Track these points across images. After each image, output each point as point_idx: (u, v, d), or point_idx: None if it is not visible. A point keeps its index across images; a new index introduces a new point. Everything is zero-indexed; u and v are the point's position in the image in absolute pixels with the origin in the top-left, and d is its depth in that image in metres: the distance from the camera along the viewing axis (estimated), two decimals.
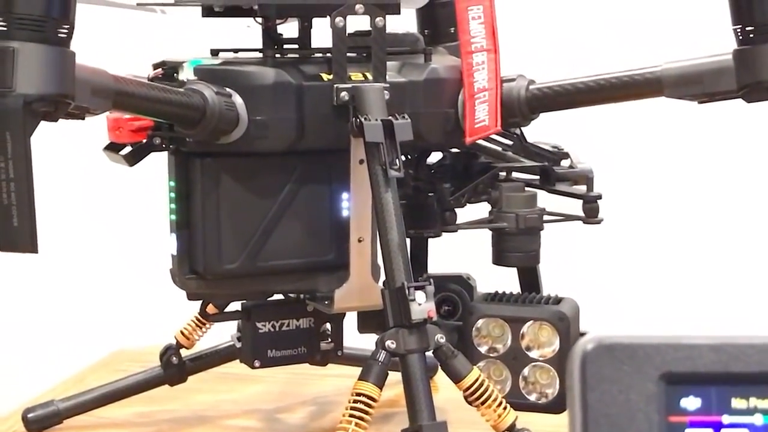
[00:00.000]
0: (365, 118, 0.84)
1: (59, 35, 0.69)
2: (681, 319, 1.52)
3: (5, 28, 0.68)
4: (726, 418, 0.36)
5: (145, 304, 1.62)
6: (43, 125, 0.73)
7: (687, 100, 0.85)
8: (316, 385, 1.16)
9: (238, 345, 0.99)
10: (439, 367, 0.98)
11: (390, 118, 0.85)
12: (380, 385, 0.83)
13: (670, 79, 0.85)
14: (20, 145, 0.67)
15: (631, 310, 1.55)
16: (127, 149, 0.89)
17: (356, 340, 1.01)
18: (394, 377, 0.86)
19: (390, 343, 0.82)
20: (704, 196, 1.59)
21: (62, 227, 1.62)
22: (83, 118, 0.74)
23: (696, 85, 0.84)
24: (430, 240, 0.98)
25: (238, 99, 0.85)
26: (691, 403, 0.36)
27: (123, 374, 1.06)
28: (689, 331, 0.37)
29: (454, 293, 0.97)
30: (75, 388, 1.08)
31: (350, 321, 0.98)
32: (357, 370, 0.84)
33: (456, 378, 0.84)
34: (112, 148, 0.89)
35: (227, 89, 0.85)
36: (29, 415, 1.03)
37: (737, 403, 0.36)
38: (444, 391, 0.99)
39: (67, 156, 1.62)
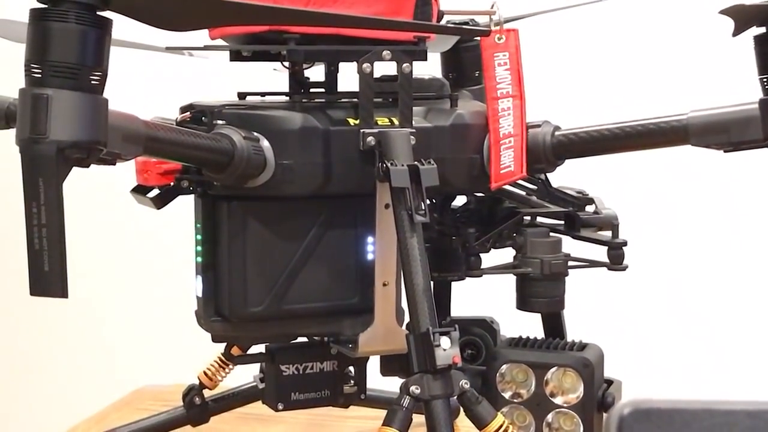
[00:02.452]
0: (391, 164, 0.85)
1: (92, 82, 0.70)
2: (706, 370, 1.51)
3: (40, 76, 0.69)
4: None
5: (168, 343, 1.63)
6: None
7: (712, 149, 0.85)
8: (337, 427, 1.15)
9: (261, 386, 0.99)
10: (460, 411, 0.98)
11: (416, 163, 0.85)
12: (405, 430, 0.82)
13: (697, 128, 0.85)
14: (52, 191, 0.68)
15: (656, 357, 1.54)
16: (155, 192, 0.90)
17: (378, 381, 1.01)
18: (417, 419, 0.86)
19: (414, 389, 0.82)
20: (731, 246, 1.59)
21: (89, 266, 1.63)
22: (114, 164, 0.74)
23: (722, 134, 0.84)
24: (453, 283, 0.99)
25: (265, 143, 0.86)
26: None
27: (145, 413, 1.06)
28: (723, 393, 0.37)
29: (478, 337, 0.97)
30: (97, 426, 1.08)
31: (373, 363, 0.98)
32: (379, 412, 0.84)
33: (480, 424, 0.84)
34: (140, 190, 0.90)
35: (255, 134, 0.86)
36: None
37: None
38: None
39: (94, 195, 1.63)
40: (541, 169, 0.92)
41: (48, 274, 0.68)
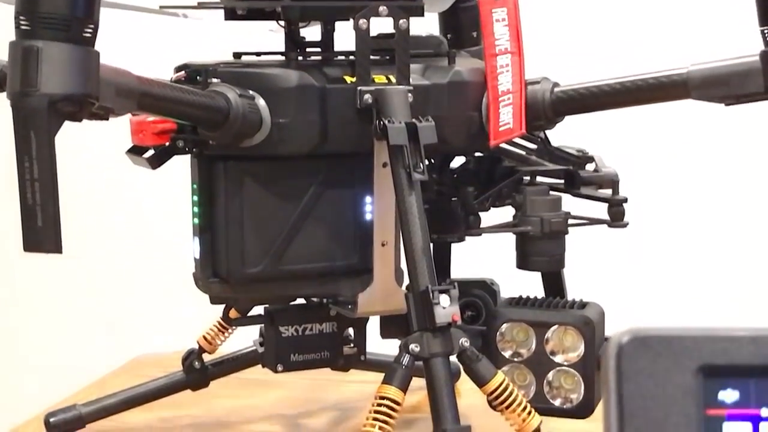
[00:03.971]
0: (389, 121, 0.84)
1: (84, 35, 0.69)
2: (708, 322, 1.51)
3: (29, 28, 0.68)
4: (765, 411, 0.36)
5: (167, 310, 1.62)
6: (68, 126, 0.73)
7: (713, 102, 0.85)
8: (337, 390, 1.15)
9: (261, 350, 0.99)
10: (461, 374, 0.98)
11: (414, 121, 0.84)
12: (404, 388, 0.82)
13: (697, 81, 0.84)
14: (44, 146, 0.67)
15: (657, 314, 1.54)
16: (150, 152, 0.89)
17: (378, 346, 1.01)
18: (417, 383, 0.86)
19: (414, 347, 0.82)
20: (731, 199, 1.58)
21: (84, 232, 1.62)
22: (107, 119, 0.74)
23: (722, 87, 0.83)
24: (453, 245, 0.98)
25: (261, 101, 0.85)
26: (729, 396, 0.36)
27: (145, 379, 1.06)
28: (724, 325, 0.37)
29: (478, 298, 0.96)
30: (97, 393, 1.07)
31: (373, 327, 0.97)
32: (379, 376, 0.83)
33: (480, 382, 0.84)
34: (135, 151, 0.89)
35: (250, 92, 0.85)
36: (51, 420, 1.03)
37: None
38: (466, 397, 0.99)
39: (88, 159, 1.62)
40: (540, 126, 0.92)
41: (42, 230, 0.68)
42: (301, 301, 0.95)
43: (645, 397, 0.35)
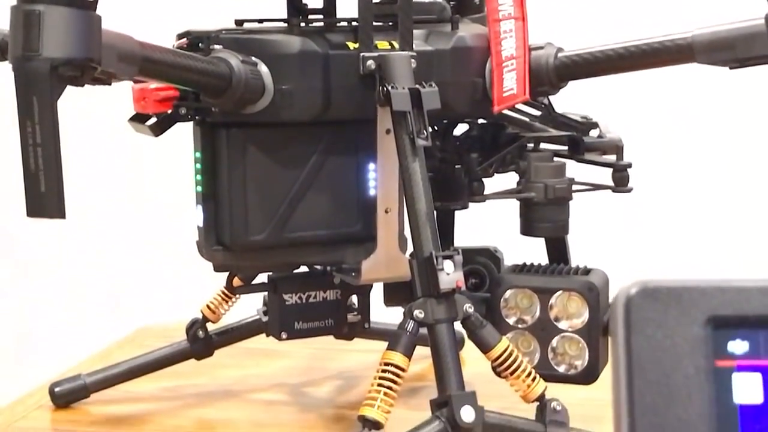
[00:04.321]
0: (392, 87, 0.84)
1: None
2: None
3: None
4: None
5: (170, 281, 1.62)
6: (72, 94, 0.72)
7: (718, 66, 0.84)
8: (342, 359, 1.15)
9: (265, 319, 0.98)
10: (464, 342, 0.97)
11: (417, 86, 0.84)
12: (409, 355, 0.82)
13: (702, 45, 0.83)
14: (47, 110, 0.67)
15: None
16: (153, 120, 0.89)
17: (382, 316, 1.00)
18: (421, 351, 0.86)
19: (418, 313, 0.82)
20: (735, 164, 1.58)
21: (87, 201, 1.62)
22: (109, 84, 0.73)
23: (728, 51, 0.82)
24: (456, 213, 0.98)
25: (263, 68, 0.85)
26: (738, 347, 0.35)
27: (149, 350, 1.06)
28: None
29: (482, 266, 0.96)
30: (101, 363, 1.08)
31: (376, 297, 0.97)
32: (383, 345, 0.83)
33: (485, 348, 0.84)
34: (138, 119, 0.89)
35: (253, 58, 0.84)
36: (56, 389, 1.03)
37: None
38: (470, 366, 0.99)
39: (90, 127, 1.62)
40: (544, 91, 0.91)
41: (45, 195, 0.68)
42: (304, 268, 0.95)
43: (654, 349, 0.35)
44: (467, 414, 0.79)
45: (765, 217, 1.59)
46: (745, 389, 0.35)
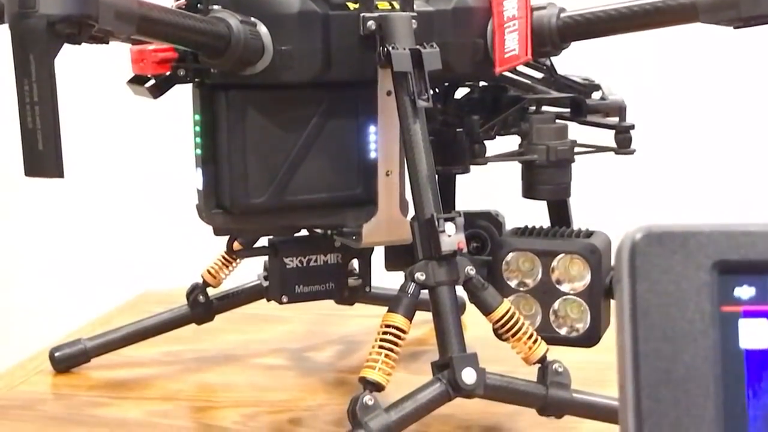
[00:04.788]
0: (393, 47, 0.83)
1: None
2: None
3: None
4: None
5: (170, 246, 1.62)
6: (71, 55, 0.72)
7: (722, 26, 0.83)
8: (343, 324, 1.15)
9: (265, 284, 0.98)
10: (466, 306, 0.97)
11: (418, 47, 0.83)
12: (410, 317, 0.81)
13: (706, 4, 0.82)
14: (44, 68, 0.66)
15: None
16: (151, 82, 0.88)
17: (383, 282, 1.00)
18: (422, 316, 0.85)
19: (419, 275, 0.81)
20: (738, 124, 1.57)
21: (85, 166, 1.61)
22: (107, 42, 0.72)
23: (732, 10, 0.81)
24: (458, 178, 0.97)
25: (263, 28, 0.84)
26: (744, 292, 0.35)
27: (149, 315, 1.06)
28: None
29: (483, 230, 0.95)
30: (102, 328, 1.08)
31: (377, 263, 0.97)
32: (384, 311, 0.83)
33: (486, 310, 0.83)
34: (136, 80, 0.88)
35: (252, 18, 0.83)
36: (56, 354, 1.03)
37: None
38: (472, 330, 0.98)
39: (90, 94, 1.61)
40: (546, 52, 0.90)
41: (43, 154, 0.67)
42: (305, 232, 0.95)
43: (659, 294, 0.35)
44: (468, 376, 0.79)
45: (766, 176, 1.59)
46: (751, 334, 0.35)
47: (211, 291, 1.04)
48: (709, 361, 0.34)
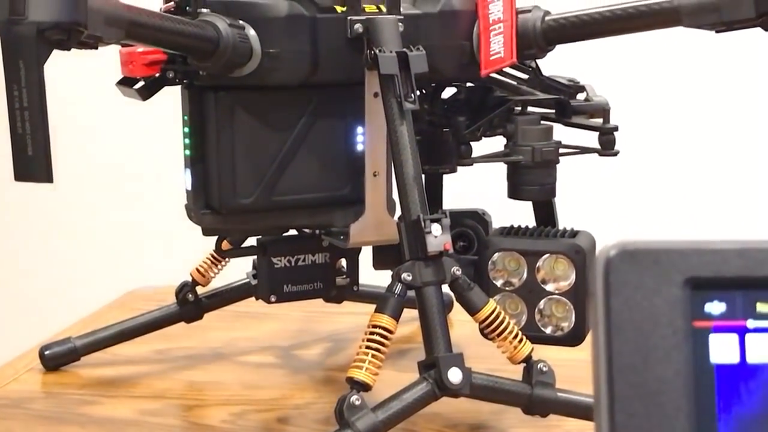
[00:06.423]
0: (380, 50, 0.84)
1: None
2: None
3: None
4: (751, 323, 0.36)
5: (159, 246, 1.62)
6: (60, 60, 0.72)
7: (705, 30, 0.84)
8: (331, 323, 1.16)
9: (254, 282, 0.99)
10: (453, 305, 0.98)
11: (404, 50, 0.84)
12: (396, 317, 0.82)
13: (688, 8, 0.83)
14: (34, 74, 0.67)
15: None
16: (140, 84, 0.89)
17: (371, 280, 1.01)
18: (409, 314, 0.86)
19: (406, 276, 0.82)
20: (721, 127, 1.58)
21: (75, 165, 1.62)
22: (96, 48, 0.73)
23: (714, 14, 0.82)
24: (445, 177, 0.98)
25: (251, 31, 0.85)
26: (715, 307, 0.36)
27: (139, 313, 1.07)
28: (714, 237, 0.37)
29: (470, 229, 0.96)
30: (91, 327, 1.08)
31: (365, 261, 0.97)
32: (372, 308, 0.84)
33: (472, 310, 0.84)
34: (126, 82, 0.89)
35: (240, 21, 0.84)
36: (46, 353, 1.04)
37: (762, 307, 0.36)
38: (458, 329, 1.00)
39: (81, 96, 1.61)
40: (531, 55, 0.91)
41: (32, 159, 0.68)
42: (293, 232, 0.96)
43: (632, 310, 0.36)
44: (454, 375, 0.80)
45: (747, 179, 1.60)
46: (722, 349, 0.36)
47: (200, 289, 1.05)
48: (682, 376, 0.35)
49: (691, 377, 0.35)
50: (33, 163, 0.68)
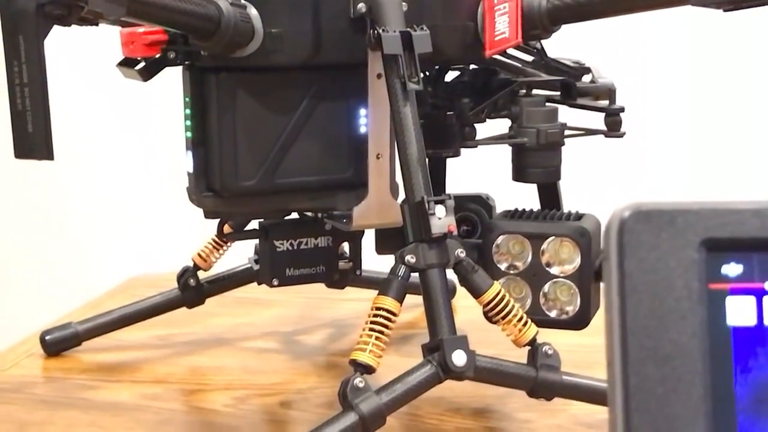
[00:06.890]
0: (383, 30, 0.83)
1: None
2: None
3: None
4: None
5: (161, 230, 1.61)
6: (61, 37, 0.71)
7: (712, 8, 0.83)
8: (333, 308, 1.15)
9: (256, 267, 0.98)
10: (456, 289, 0.97)
11: (408, 29, 0.83)
12: (400, 299, 0.81)
13: None
14: (34, 49, 0.66)
15: None
16: (141, 64, 0.88)
17: (374, 265, 1.00)
18: (412, 300, 0.86)
19: (410, 258, 0.81)
20: (729, 108, 1.57)
21: (75, 149, 1.61)
22: (96, 24, 0.72)
23: None
24: (448, 161, 0.97)
25: (253, 11, 0.84)
26: (732, 269, 0.35)
27: (140, 299, 1.06)
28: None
29: (473, 213, 0.96)
30: (92, 312, 1.08)
31: (368, 246, 0.97)
32: (374, 294, 0.83)
33: (476, 293, 0.83)
34: (127, 63, 0.88)
35: (242, 1, 0.83)
36: (47, 338, 1.03)
37: None
38: (461, 314, 0.99)
39: (80, 78, 1.60)
40: (536, 35, 0.90)
41: (32, 136, 0.67)
42: (295, 215, 0.95)
43: (647, 272, 0.35)
44: (459, 358, 0.79)
45: (757, 160, 1.59)
46: (739, 312, 0.35)
47: (201, 274, 1.04)
48: (697, 339, 0.34)
49: (707, 340, 0.34)
50: (33, 140, 0.67)
